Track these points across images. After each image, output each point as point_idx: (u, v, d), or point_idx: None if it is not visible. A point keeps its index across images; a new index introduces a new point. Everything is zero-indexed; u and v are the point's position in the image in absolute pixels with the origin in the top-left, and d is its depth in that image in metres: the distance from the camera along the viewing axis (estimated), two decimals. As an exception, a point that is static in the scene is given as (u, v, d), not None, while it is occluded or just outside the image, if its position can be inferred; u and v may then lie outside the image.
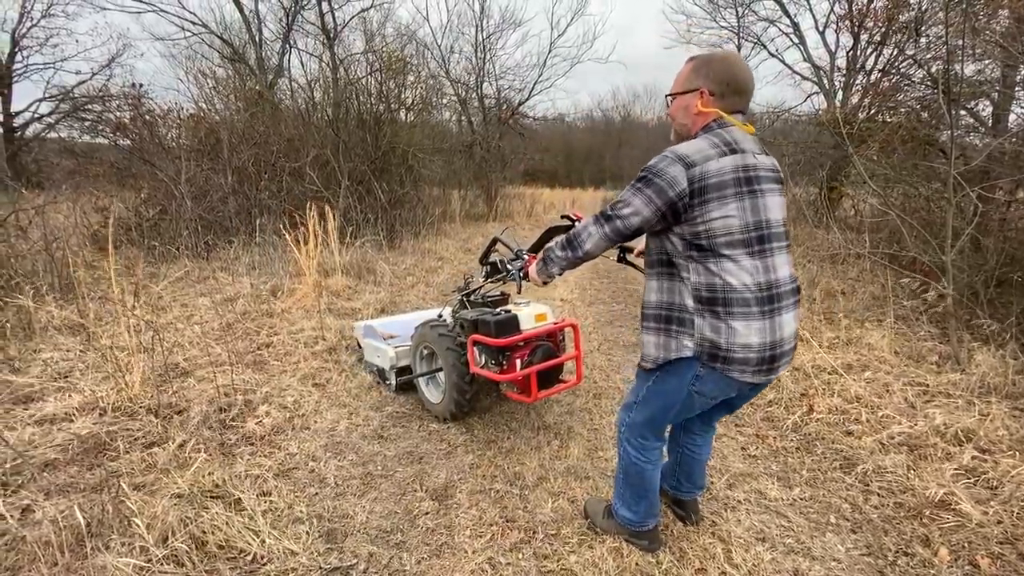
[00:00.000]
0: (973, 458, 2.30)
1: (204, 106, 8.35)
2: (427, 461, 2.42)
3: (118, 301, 3.33)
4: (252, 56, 12.44)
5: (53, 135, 15.58)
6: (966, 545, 1.87)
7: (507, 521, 1.99)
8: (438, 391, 2.85)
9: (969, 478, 2.20)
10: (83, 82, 16.06)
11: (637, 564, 1.77)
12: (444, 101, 14.37)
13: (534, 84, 15.67)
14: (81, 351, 3.37)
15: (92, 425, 2.44)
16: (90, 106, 15.30)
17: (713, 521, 2.01)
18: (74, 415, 2.53)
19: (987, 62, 4.93)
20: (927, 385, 3.03)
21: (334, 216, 5.48)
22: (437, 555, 1.82)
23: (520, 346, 2.44)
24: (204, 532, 1.81)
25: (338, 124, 8.39)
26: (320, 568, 1.74)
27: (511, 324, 2.41)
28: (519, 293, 2.26)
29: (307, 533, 1.89)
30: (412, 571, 1.74)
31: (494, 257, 2.50)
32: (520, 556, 1.81)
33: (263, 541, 1.82)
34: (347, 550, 1.83)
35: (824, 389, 3.03)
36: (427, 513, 2.04)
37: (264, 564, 1.74)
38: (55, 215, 5.93)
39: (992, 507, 2.01)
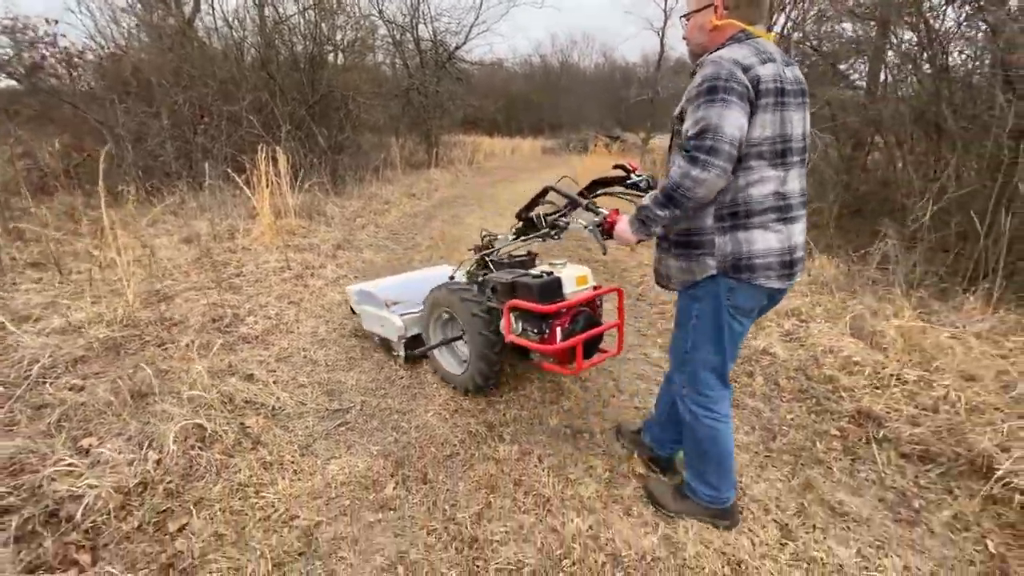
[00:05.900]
0: (794, 325, 3.24)
1: (121, 42, 7.92)
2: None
3: (93, 236, 3.61)
4: (165, -12, 11.52)
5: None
6: (774, 373, 2.78)
7: (463, 379, 2.68)
8: (456, 360, 2.64)
9: (787, 338, 3.13)
10: (-44, 11, 14.11)
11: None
12: (378, 43, 14.02)
13: (471, 27, 15.54)
14: (60, 283, 3.64)
15: (105, 332, 2.85)
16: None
17: (610, 370, 2.80)
18: (83, 327, 2.92)
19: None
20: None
21: (286, 159, 5.71)
22: (413, 399, 2.50)
23: (561, 313, 2.07)
24: (232, 393, 2.37)
25: (270, 66, 8.26)
26: (326, 409, 2.37)
27: (555, 287, 2.08)
28: (604, 253, 1.89)
29: (312, 392, 2.50)
30: (396, 408, 2.41)
31: (540, 210, 2.27)
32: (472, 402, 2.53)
33: (278, 398, 2.41)
34: (345, 399, 2.46)
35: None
36: (402, 378, 2.70)
37: (283, 411, 2.34)
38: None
39: (796, 352, 2.94)
